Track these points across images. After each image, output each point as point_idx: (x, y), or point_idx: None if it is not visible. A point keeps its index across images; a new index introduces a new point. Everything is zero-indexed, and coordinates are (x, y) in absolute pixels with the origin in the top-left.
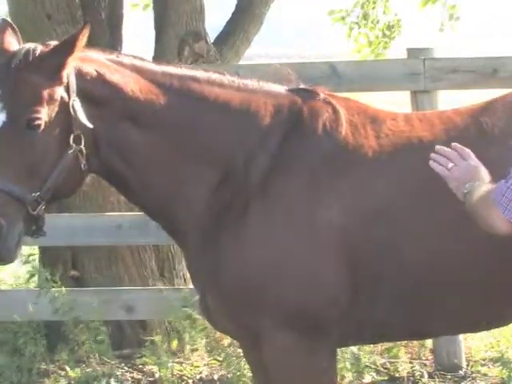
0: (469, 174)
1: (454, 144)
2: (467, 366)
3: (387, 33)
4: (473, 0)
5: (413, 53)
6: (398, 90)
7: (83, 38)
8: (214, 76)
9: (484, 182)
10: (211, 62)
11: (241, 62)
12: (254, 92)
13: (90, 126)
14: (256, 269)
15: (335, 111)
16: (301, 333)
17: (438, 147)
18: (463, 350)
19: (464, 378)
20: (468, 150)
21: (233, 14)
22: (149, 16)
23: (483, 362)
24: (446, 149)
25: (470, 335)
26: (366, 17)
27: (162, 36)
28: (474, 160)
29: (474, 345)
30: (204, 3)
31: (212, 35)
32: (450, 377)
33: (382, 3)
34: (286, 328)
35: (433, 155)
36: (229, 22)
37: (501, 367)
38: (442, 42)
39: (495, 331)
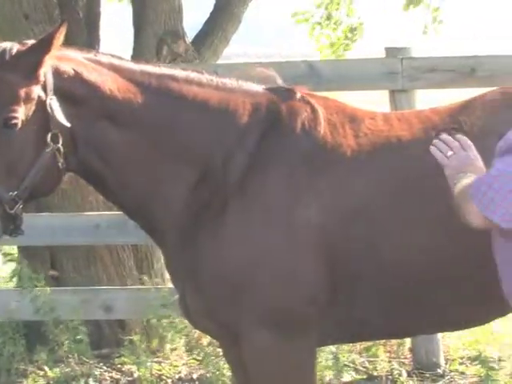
0: (465, 164)
1: (458, 136)
2: (445, 364)
3: (349, 35)
4: (456, 3)
5: (391, 52)
6: (376, 89)
7: (60, 37)
8: (193, 75)
9: (472, 175)
10: (189, 61)
11: (219, 61)
12: (233, 91)
13: (68, 124)
14: (234, 267)
15: (314, 110)
16: (280, 331)
17: (443, 136)
18: (441, 348)
19: (442, 376)
20: (470, 143)
21: (211, 13)
22: (127, 15)
23: (461, 361)
24: (449, 137)
25: (448, 334)
26: (329, 18)
27: (141, 35)
28: (473, 152)
29: (452, 343)
30: (182, 2)
31: (190, 34)
32: (428, 375)
33: (345, 5)
34: (265, 326)
35: (435, 141)
36: (207, 22)
37: (479, 365)
38: (425, 44)
39: (473, 330)
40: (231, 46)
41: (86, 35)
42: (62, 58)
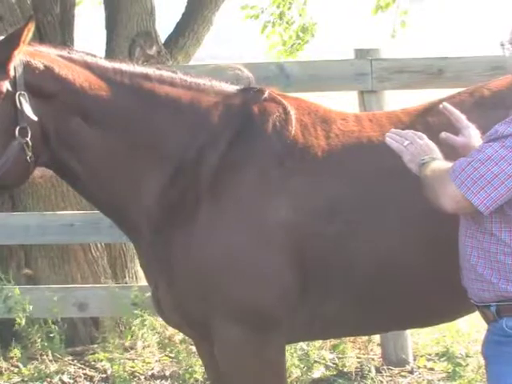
0: (425, 149)
1: (408, 130)
2: (414, 360)
3: (301, 35)
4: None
5: (360, 53)
6: (346, 89)
7: (28, 32)
8: (166, 75)
9: (441, 160)
10: (162, 63)
11: (192, 63)
12: (206, 91)
13: (35, 118)
14: (205, 265)
15: (285, 111)
16: (250, 328)
17: (393, 130)
18: (410, 345)
19: (411, 372)
20: (423, 134)
21: (183, 15)
22: (101, 17)
23: (429, 357)
24: (402, 131)
25: (416, 331)
26: (281, 16)
27: (113, 37)
28: (429, 142)
29: (420, 340)
30: (155, 5)
31: (163, 36)
32: (397, 371)
33: (298, 5)
34: (236, 323)
35: (389, 134)
36: (179, 24)
37: (446, 361)
38: (398, 45)
39: (440, 327)
40: (203, 47)
41: (60, 37)
42: (35, 54)
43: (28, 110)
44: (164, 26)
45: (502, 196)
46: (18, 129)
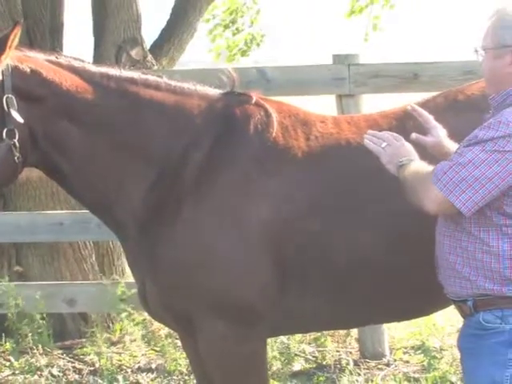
0: (402, 151)
1: (385, 131)
2: (390, 353)
3: (248, 43)
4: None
5: (338, 58)
6: (325, 93)
7: (14, 38)
8: (151, 79)
9: (419, 161)
10: (148, 68)
11: (176, 68)
12: (190, 95)
13: (21, 120)
14: (189, 262)
15: (267, 114)
16: (232, 322)
17: (371, 132)
18: (387, 338)
19: (387, 365)
20: (400, 136)
21: (167, 22)
22: (89, 24)
23: (405, 350)
24: (379, 132)
25: (392, 325)
26: (234, 22)
27: (101, 43)
28: (406, 143)
29: (396, 334)
30: (140, 12)
31: (148, 42)
32: (374, 364)
33: (250, 14)
34: (218, 318)
35: (366, 136)
36: (164, 30)
37: (422, 354)
38: (378, 50)
39: (416, 321)
40: (187, 52)
41: (49, 43)
42: (23, 59)
43: (15, 112)
44: (149, 33)
45: (483, 198)
46: (5, 131)
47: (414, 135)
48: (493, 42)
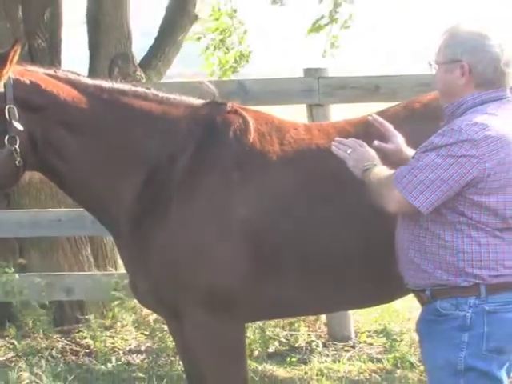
0: (366, 156)
1: (351, 138)
2: (356, 336)
3: (238, 60)
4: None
5: (308, 72)
6: (297, 103)
7: (15, 53)
8: (141, 90)
9: (381, 165)
10: (137, 81)
11: (163, 81)
12: (175, 104)
13: (21, 128)
14: (176, 254)
15: (245, 121)
16: (214, 309)
17: (337, 139)
18: (352, 323)
19: (353, 347)
20: (364, 143)
21: (155, 39)
22: (84, 40)
23: (369, 334)
24: (345, 140)
25: (358, 311)
26: (223, 41)
27: (95, 57)
28: (369, 149)
29: (361, 319)
30: (131, 30)
31: (138, 58)
32: (341, 346)
33: (237, 34)
34: (201, 305)
35: (334, 143)
36: (152, 47)
37: (384, 338)
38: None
39: (379, 307)
40: (173, 67)
41: (48, 58)
42: (24, 73)
43: (16, 121)
44: (139, 49)
45: (439, 198)
46: (7, 138)
47: (376, 142)
48: (444, 57)
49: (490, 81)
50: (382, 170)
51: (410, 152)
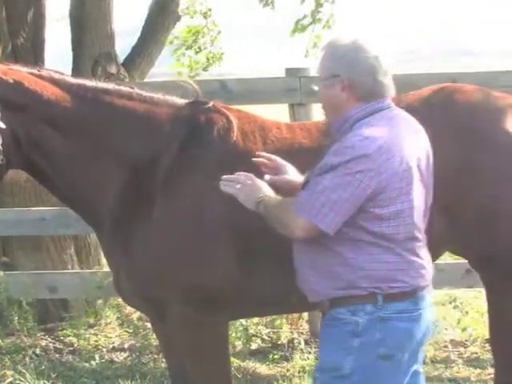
0: (254, 188)
1: (237, 173)
2: None
3: (210, 60)
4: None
5: (290, 72)
6: (279, 103)
7: None
8: (124, 90)
9: (274, 194)
10: (121, 80)
11: (146, 80)
12: (159, 104)
13: (3, 126)
14: (159, 253)
15: (228, 121)
16: (197, 307)
17: (224, 176)
18: None
19: None
20: (251, 175)
21: (138, 39)
22: (67, 40)
23: None
24: (233, 176)
25: None
26: (195, 42)
27: (78, 57)
28: (258, 181)
29: None
30: (114, 30)
31: (121, 57)
32: None
33: (213, 35)
34: (186, 303)
35: (222, 181)
36: (135, 46)
37: None
38: None
39: None
40: (156, 66)
41: (32, 57)
42: (7, 72)
43: None
44: (122, 48)
45: (344, 218)
46: None
47: (267, 177)
48: (324, 73)
49: (371, 93)
50: (278, 200)
51: (300, 178)
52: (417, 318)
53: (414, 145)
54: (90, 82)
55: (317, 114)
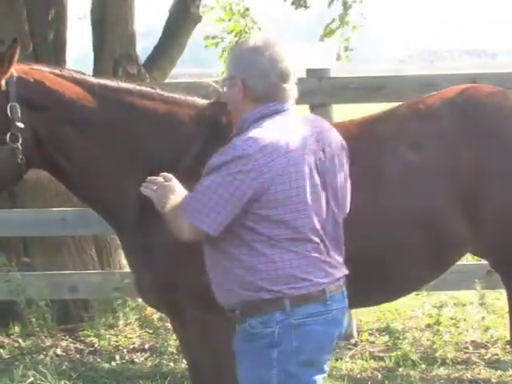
0: (167, 191)
1: (163, 174)
2: (358, 335)
3: None
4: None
5: (310, 72)
6: (298, 104)
7: (14, 52)
8: (146, 90)
9: (177, 196)
10: (142, 81)
11: (167, 80)
12: (180, 104)
13: (22, 126)
14: (177, 253)
15: None
16: (211, 310)
17: (148, 179)
18: (354, 322)
19: (355, 345)
20: (171, 176)
21: (159, 40)
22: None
23: (371, 332)
24: (153, 177)
25: (359, 310)
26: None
27: (100, 58)
28: (174, 182)
29: (363, 318)
30: (135, 31)
31: (142, 58)
32: (343, 344)
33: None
34: (198, 306)
35: (144, 184)
36: (156, 47)
37: (386, 336)
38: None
39: (381, 306)
40: (177, 67)
41: (53, 58)
42: (29, 71)
43: (18, 119)
44: (143, 49)
45: (226, 218)
46: (8, 135)
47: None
48: (227, 74)
49: (265, 95)
50: (174, 203)
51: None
52: (332, 319)
53: (310, 148)
54: (111, 82)
55: (337, 114)
